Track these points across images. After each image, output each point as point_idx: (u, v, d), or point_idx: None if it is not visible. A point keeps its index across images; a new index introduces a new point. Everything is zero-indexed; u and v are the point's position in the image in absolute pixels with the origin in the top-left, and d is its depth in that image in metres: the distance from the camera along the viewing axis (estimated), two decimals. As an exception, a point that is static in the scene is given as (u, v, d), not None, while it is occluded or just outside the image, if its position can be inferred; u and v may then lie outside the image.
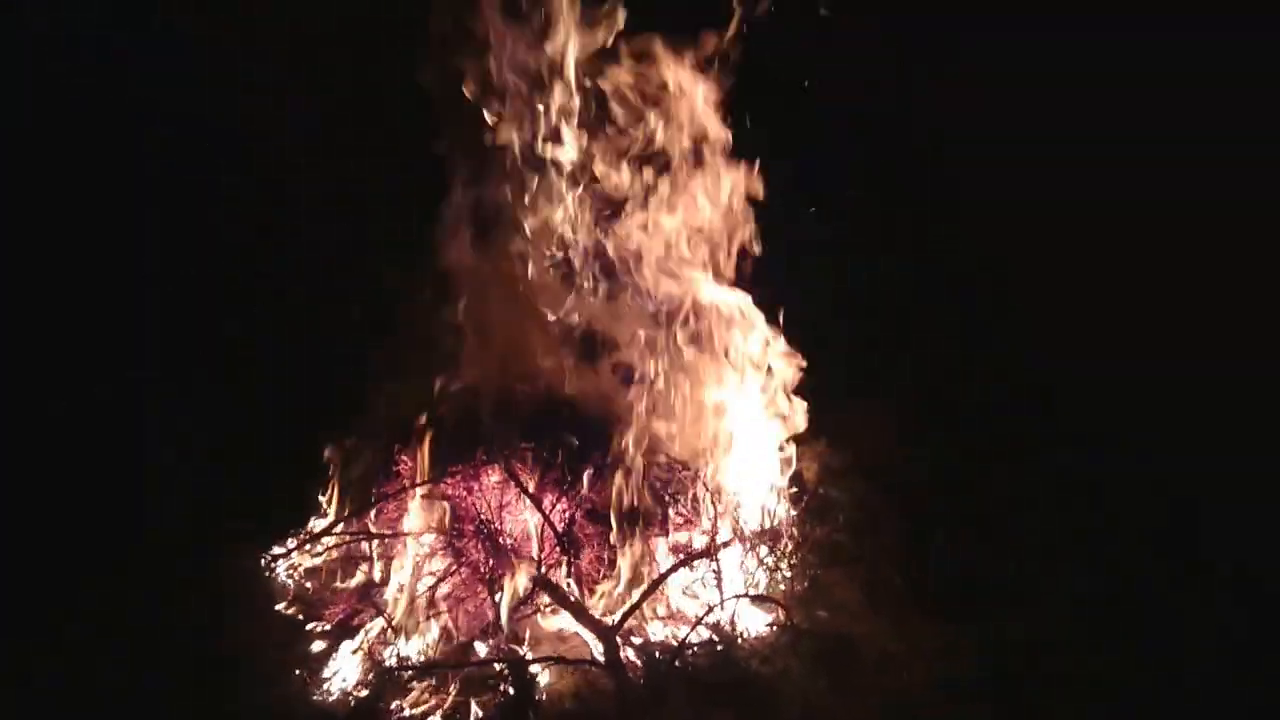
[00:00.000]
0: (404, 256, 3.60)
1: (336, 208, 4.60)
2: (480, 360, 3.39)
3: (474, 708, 2.89)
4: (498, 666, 2.95)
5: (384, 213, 4.35)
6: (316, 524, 3.60)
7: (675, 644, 3.05)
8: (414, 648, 3.09)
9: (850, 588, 3.41)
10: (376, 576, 3.39)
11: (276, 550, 3.55)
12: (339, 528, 3.47)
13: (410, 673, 2.95)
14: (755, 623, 3.23)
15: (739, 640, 3.11)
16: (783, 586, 3.35)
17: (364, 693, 2.96)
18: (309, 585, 3.50)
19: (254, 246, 5.00)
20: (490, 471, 3.29)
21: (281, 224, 4.91)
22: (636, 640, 3.11)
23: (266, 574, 3.50)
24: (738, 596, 3.18)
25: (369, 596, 3.30)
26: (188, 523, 3.71)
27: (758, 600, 3.26)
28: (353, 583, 3.42)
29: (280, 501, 3.76)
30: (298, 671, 3.10)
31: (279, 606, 3.42)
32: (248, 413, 4.28)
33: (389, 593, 3.26)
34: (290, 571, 3.51)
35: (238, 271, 4.98)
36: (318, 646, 3.21)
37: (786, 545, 3.39)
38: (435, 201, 3.43)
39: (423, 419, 3.35)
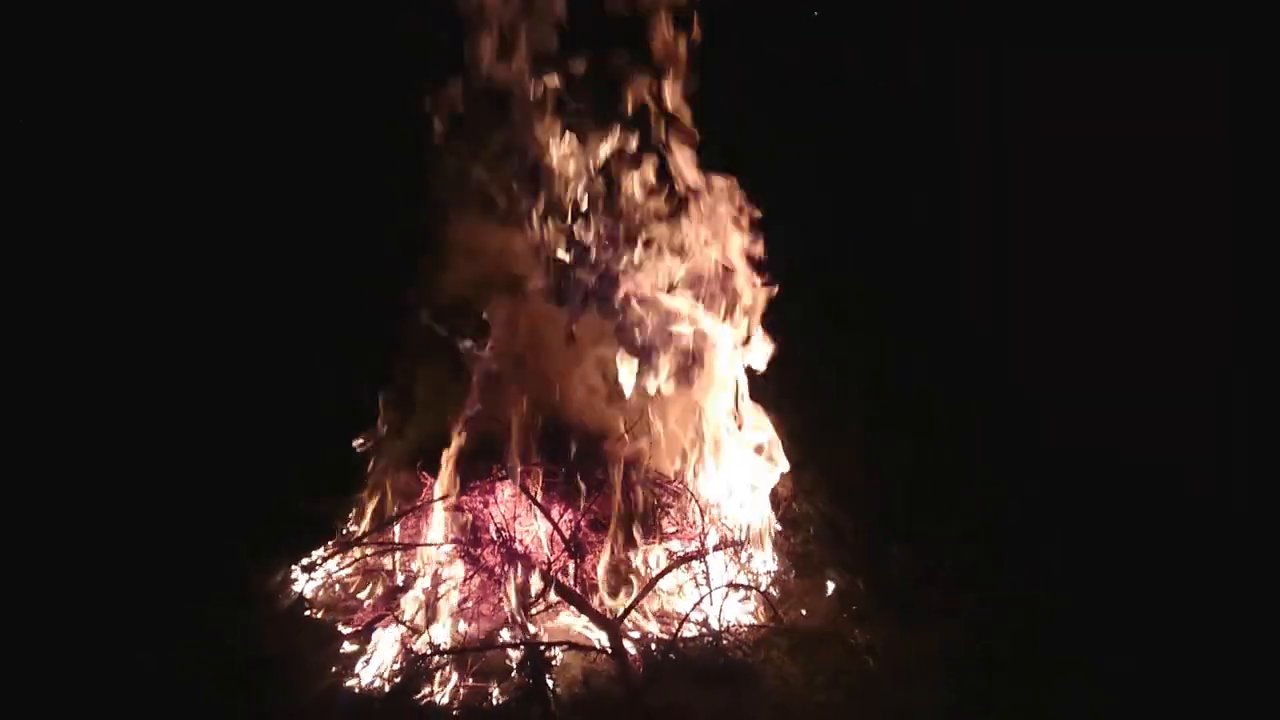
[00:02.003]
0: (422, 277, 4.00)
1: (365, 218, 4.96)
2: (494, 384, 3.84)
3: (494, 694, 3.31)
4: (517, 653, 3.36)
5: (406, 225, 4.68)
6: (345, 535, 4.01)
7: (670, 636, 3.49)
8: (439, 640, 3.49)
9: (820, 590, 3.88)
10: (400, 583, 3.78)
11: (306, 560, 3.93)
12: (366, 539, 3.88)
13: (438, 659, 3.33)
14: (740, 620, 3.67)
15: (726, 634, 3.56)
16: (762, 588, 3.82)
17: (397, 680, 3.33)
18: (337, 593, 3.87)
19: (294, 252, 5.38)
20: (504, 486, 3.73)
21: (324, 233, 5.26)
22: (635, 634, 3.54)
23: (300, 580, 3.87)
24: (727, 586, 3.65)
25: (394, 601, 3.68)
26: (216, 527, 4.04)
27: (740, 590, 3.71)
28: (379, 590, 3.79)
29: (303, 505, 4.13)
30: (333, 667, 3.47)
31: (309, 613, 3.79)
32: (273, 420, 4.65)
33: (412, 594, 3.66)
34: (322, 581, 3.88)
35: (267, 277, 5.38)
36: (348, 647, 3.58)
37: (766, 552, 3.87)
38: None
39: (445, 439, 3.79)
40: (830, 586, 3.87)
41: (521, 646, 3.35)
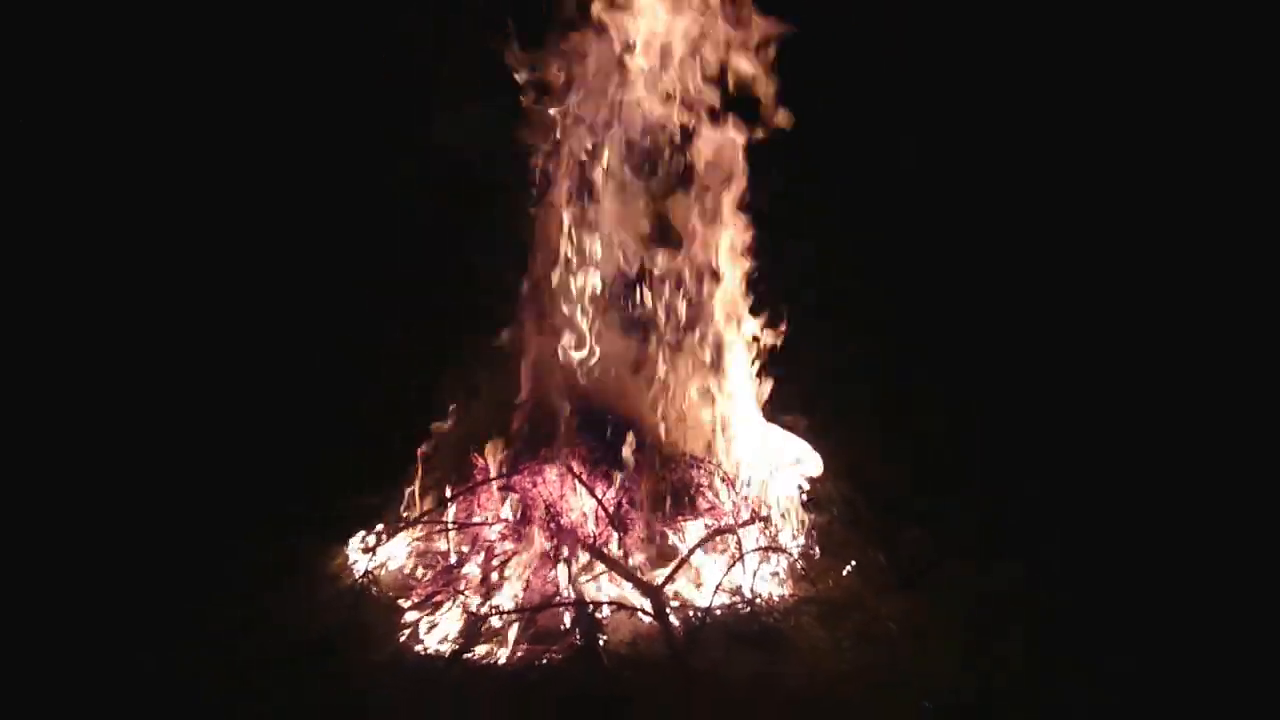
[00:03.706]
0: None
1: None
2: (539, 374, 4.15)
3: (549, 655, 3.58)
4: (569, 617, 3.65)
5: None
6: (403, 518, 4.27)
7: (707, 603, 3.78)
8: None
9: (842, 564, 4.19)
10: (454, 559, 4.05)
11: (369, 540, 4.22)
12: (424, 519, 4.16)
13: (497, 621, 3.61)
14: (771, 589, 3.98)
15: (758, 601, 3.86)
16: (791, 560, 4.13)
17: (460, 642, 3.60)
18: (394, 573, 4.12)
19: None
20: (551, 467, 4.03)
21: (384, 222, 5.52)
22: (675, 603, 3.84)
23: (362, 560, 4.13)
24: (763, 550, 3.96)
25: (452, 576, 3.95)
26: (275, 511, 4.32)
27: (772, 560, 4.02)
28: (437, 567, 4.05)
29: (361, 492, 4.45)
30: (398, 635, 3.70)
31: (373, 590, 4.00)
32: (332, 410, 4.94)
33: (470, 567, 3.94)
34: (381, 562, 4.14)
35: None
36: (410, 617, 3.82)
37: (794, 527, 4.20)
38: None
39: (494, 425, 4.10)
40: (852, 561, 4.17)
41: (573, 606, 3.63)
